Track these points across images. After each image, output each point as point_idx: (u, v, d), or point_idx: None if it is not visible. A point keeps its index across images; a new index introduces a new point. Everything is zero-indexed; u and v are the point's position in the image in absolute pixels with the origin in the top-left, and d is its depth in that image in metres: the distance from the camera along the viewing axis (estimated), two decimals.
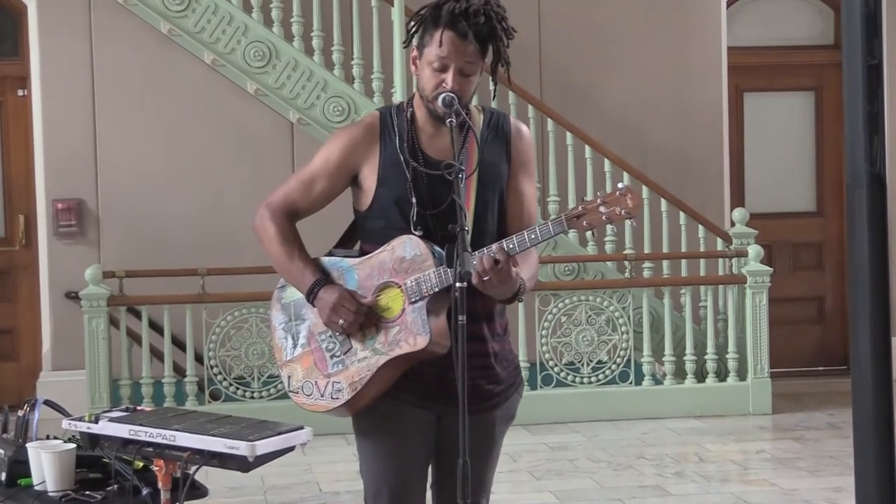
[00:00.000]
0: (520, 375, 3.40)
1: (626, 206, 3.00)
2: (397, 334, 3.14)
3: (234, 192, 8.51)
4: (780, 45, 9.56)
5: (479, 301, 3.13)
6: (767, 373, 8.03)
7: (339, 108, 8.12)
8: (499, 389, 3.30)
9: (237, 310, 7.66)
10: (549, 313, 7.95)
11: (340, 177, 3.26)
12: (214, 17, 8.11)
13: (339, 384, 3.19)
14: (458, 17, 3.11)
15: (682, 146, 9.12)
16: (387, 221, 3.20)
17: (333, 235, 3.41)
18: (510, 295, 3.10)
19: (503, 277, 3.02)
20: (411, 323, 3.12)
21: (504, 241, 3.05)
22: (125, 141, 8.51)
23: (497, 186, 3.25)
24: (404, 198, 3.18)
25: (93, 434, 3.43)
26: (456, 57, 3.11)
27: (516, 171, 3.28)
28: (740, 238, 8.27)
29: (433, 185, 3.18)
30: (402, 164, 3.20)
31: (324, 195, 3.29)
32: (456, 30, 3.10)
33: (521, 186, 3.29)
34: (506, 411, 3.34)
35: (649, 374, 8.00)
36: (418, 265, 3.13)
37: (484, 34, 3.13)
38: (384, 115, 3.28)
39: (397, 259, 3.16)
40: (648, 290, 8.09)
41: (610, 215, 3.01)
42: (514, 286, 3.08)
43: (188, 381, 7.65)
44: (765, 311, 7.99)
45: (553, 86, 8.97)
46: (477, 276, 3.01)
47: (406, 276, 3.14)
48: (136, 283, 7.81)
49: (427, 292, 3.11)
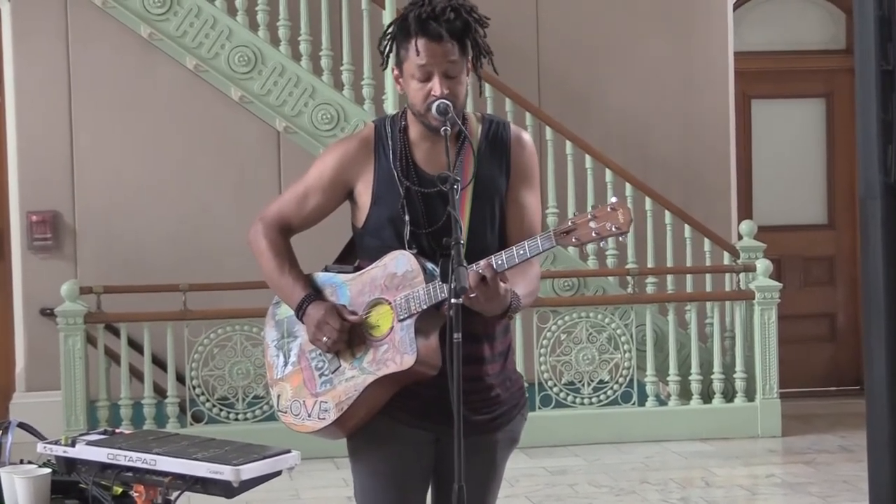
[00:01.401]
0: (524, 396, 3.40)
1: (617, 221, 3.00)
2: (385, 353, 3.15)
3: (217, 203, 8.50)
4: (789, 50, 9.58)
5: (478, 320, 3.13)
6: (777, 393, 8.02)
7: (328, 115, 8.12)
8: (500, 411, 3.30)
9: (221, 327, 7.66)
10: (548, 331, 7.95)
11: (335, 192, 3.29)
12: (197, 20, 8.11)
13: (326, 404, 3.21)
14: (426, 21, 3.12)
15: (687, 156, 9.13)
16: (381, 240, 3.23)
17: (333, 250, 3.43)
18: (499, 312, 3.11)
19: (490, 294, 3.02)
20: (399, 341, 3.13)
21: (493, 257, 3.05)
22: (103, 150, 8.50)
23: (495, 200, 3.25)
24: (398, 217, 3.20)
25: (69, 458, 3.42)
26: (436, 61, 3.12)
27: (516, 183, 3.29)
28: (748, 252, 8.27)
29: (428, 203, 3.21)
30: (396, 181, 3.21)
31: (318, 210, 3.31)
32: (428, 34, 3.12)
33: (522, 199, 3.29)
34: (508, 434, 3.34)
35: (653, 394, 8.00)
36: (409, 282, 3.14)
37: (458, 30, 3.14)
38: (379, 127, 3.30)
39: (389, 275, 3.17)
40: (652, 306, 8.09)
41: (600, 231, 3.02)
42: (503, 303, 3.08)
43: (169, 403, 7.63)
44: (774, 329, 7.99)
45: (552, 93, 8.98)
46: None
47: (396, 292, 3.16)
48: (114, 300, 7.80)
49: (416, 310, 3.12)
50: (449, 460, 3.11)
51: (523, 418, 3.39)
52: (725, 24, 9.23)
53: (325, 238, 3.79)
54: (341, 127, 8.05)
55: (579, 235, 3.03)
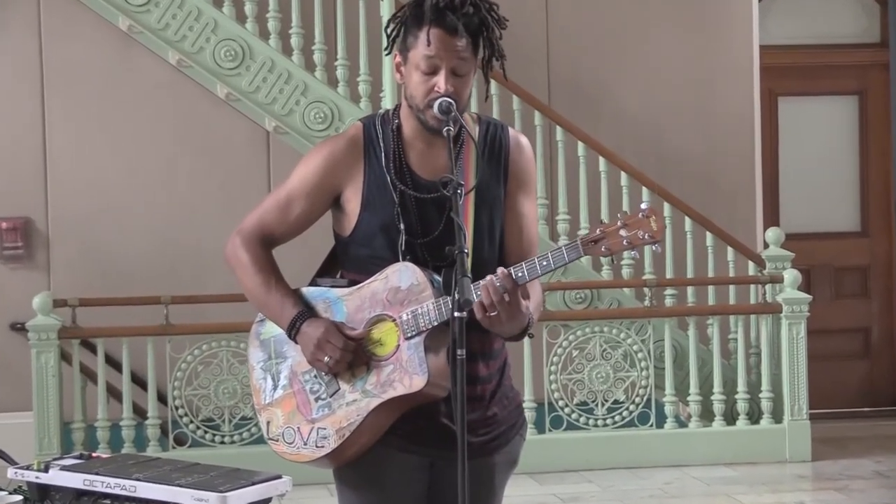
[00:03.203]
0: (522, 415, 3.38)
1: (650, 229, 2.98)
2: (391, 374, 3.12)
3: (202, 209, 8.51)
4: (819, 44, 9.59)
5: (475, 337, 3.10)
6: (806, 414, 8.02)
7: (321, 114, 8.12)
8: (498, 431, 3.28)
9: (205, 343, 7.65)
10: (559, 347, 7.94)
11: (320, 198, 3.25)
12: (180, 11, 8.12)
13: (324, 431, 3.17)
14: (443, 10, 3.09)
15: (709, 158, 9.13)
16: (371, 250, 3.19)
17: (314, 262, 3.40)
18: (518, 331, 3.08)
19: (513, 311, 3.00)
20: (407, 361, 3.10)
21: (512, 269, 3.01)
22: (79, 151, 8.51)
23: (494, 208, 3.24)
24: (391, 224, 3.17)
25: (42, 484, 3.43)
26: (446, 55, 3.10)
27: (514, 190, 3.27)
28: (775, 261, 8.26)
29: (424, 210, 3.18)
30: (389, 186, 3.19)
31: (302, 218, 3.27)
32: (443, 25, 3.09)
33: (520, 207, 3.27)
34: (507, 456, 3.32)
35: (672, 415, 7.99)
36: (415, 296, 3.11)
37: (474, 26, 3.12)
38: (368, 127, 3.26)
39: (391, 289, 3.14)
40: (671, 320, 8.08)
41: (631, 239, 2.99)
42: (523, 321, 3.06)
43: (150, 424, 7.62)
44: (803, 345, 7.98)
45: (562, 90, 8.98)
46: (481, 309, 2.99)
47: (401, 308, 3.12)
48: (90, 313, 7.78)
49: (425, 327, 3.10)
50: (443, 486, 3.11)
51: (522, 438, 3.37)
52: (750, 15, 9.24)
53: (304, 248, 3.75)
54: (335, 127, 8.05)
55: (609, 245, 3.00)
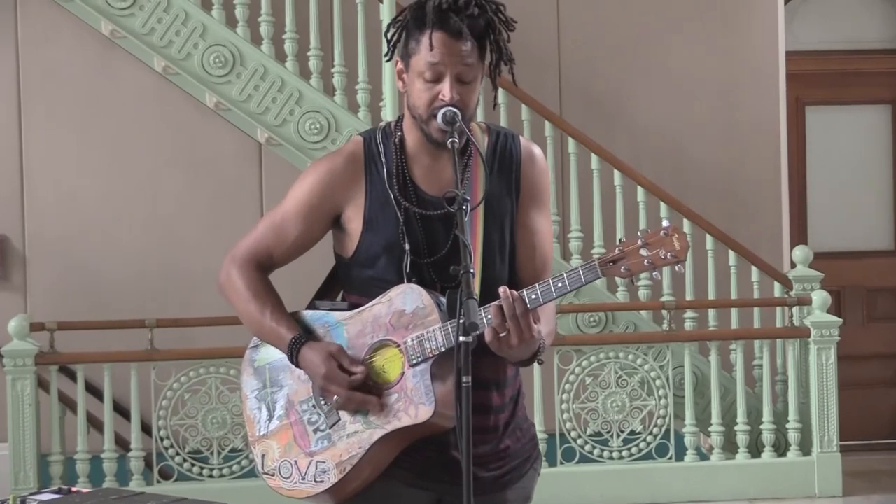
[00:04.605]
0: (536, 448, 3.41)
1: (673, 248, 2.99)
2: (395, 403, 3.13)
3: (189, 227, 8.52)
4: (849, 49, 9.59)
5: (487, 364, 3.12)
6: (837, 446, 7.98)
7: (317, 125, 8.12)
8: (511, 465, 3.30)
9: (193, 369, 7.64)
10: (571, 373, 7.92)
11: (318, 219, 3.27)
12: (166, 15, 8.11)
13: (323, 464, 3.19)
14: (446, 12, 3.11)
15: (731, 171, 9.13)
16: (375, 272, 3.21)
17: (312, 284, 3.41)
18: (528, 356, 3.09)
19: (523, 335, 3.01)
20: (412, 390, 3.12)
21: (525, 291, 3.02)
22: (58, 165, 8.53)
23: (505, 223, 3.25)
24: (395, 244, 3.19)
25: None
26: (451, 61, 3.11)
27: (527, 205, 3.29)
28: (802, 282, 8.25)
29: (430, 228, 3.20)
30: (393, 203, 3.20)
31: (300, 240, 3.29)
32: (447, 28, 3.10)
33: (533, 223, 3.29)
34: (520, 492, 3.33)
35: (693, 447, 7.97)
36: (420, 320, 3.12)
37: (480, 28, 3.14)
38: (369, 141, 3.28)
39: (395, 313, 3.15)
40: (691, 345, 8.08)
41: (653, 259, 3.00)
42: (534, 346, 3.06)
43: (133, 457, 7.60)
44: (833, 371, 7.96)
45: (575, 99, 8.99)
46: (492, 333, 2.99)
47: (406, 333, 3.14)
48: (70, 338, 7.78)
49: (431, 353, 3.11)
50: None
51: (536, 473, 3.38)
52: (775, 19, 9.23)
53: (303, 270, 3.76)
54: (332, 138, 8.04)
55: (629, 265, 3.01)
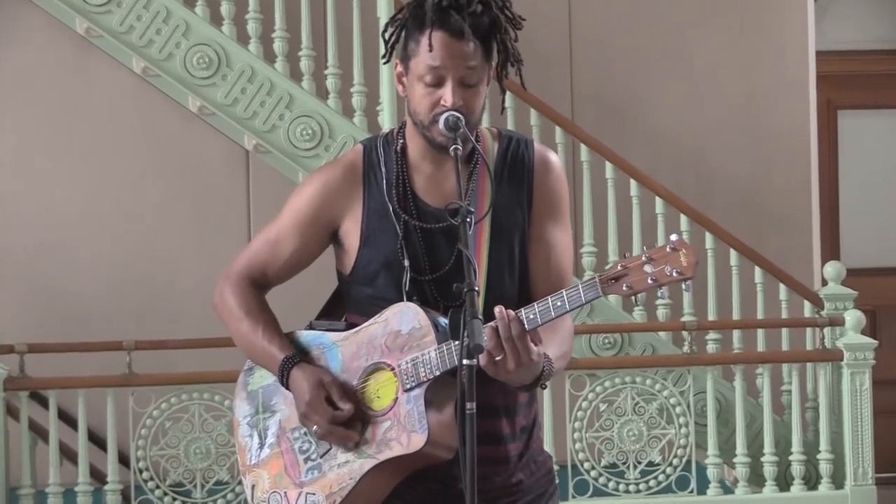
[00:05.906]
0: (553, 482, 3.41)
1: (679, 264, 2.99)
2: (388, 431, 3.14)
3: (171, 241, 8.57)
4: (883, 49, 9.63)
5: (497, 389, 3.11)
6: (872, 478, 7.96)
7: (309, 130, 8.10)
8: (524, 501, 3.31)
9: (174, 395, 7.62)
10: (584, 399, 7.90)
11: (315, 234, 3.30)
12: (146, 12, 8.11)
13: (313, 497, 3.22)
14: (447, 10, 3.12)
15: (757, 180, 9.17)
16: (375, 290, 3.24)
17: (311, 303, 3.45)
18: (529, 381, 3.08)
19: (521, 359, 3.01)
20: (405, 416, 3.13)
21: (523, 310, 3.04)
22: (29, 174, 8.58)
23: (514, 237, 3.26)
24: (394, 260, 3.21)
25: None
26: (453, 63, 3.11)
27: (541, 216, 3.29)
28: (834, 301, 8.24)
29: (431, 242, 3.22)
30: (391, 216, 3.23)
31: (296, 257, 3.33)
32: (447, 27, 3.11)
33: (548, 235, 3.30)
34: None
35: (716, 479, 7.94)
36: (416, 341, 3.13)
37: (484, 27, 3.14)
38: (369, 150, 3.30)
39: (391, 333, 3.16)
40: (714, 369, 8.06)
41: (657, 276, 3.00)
42: (535, 370, 3.05)
43: (110, 490, 7.59)
44: (867, 397, 7.93)
45: (588, 102, 9.07)
46: (487, 356, 2.99)
47: (401, 355, 3.15)
48: (41, 361, 7.74)
49: (426, 377, 3.11)
50: None
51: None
52: (805, 17, 9.28)
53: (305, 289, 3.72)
54: (325, 145, 8.05)
55: (632, 283, 3.01)
